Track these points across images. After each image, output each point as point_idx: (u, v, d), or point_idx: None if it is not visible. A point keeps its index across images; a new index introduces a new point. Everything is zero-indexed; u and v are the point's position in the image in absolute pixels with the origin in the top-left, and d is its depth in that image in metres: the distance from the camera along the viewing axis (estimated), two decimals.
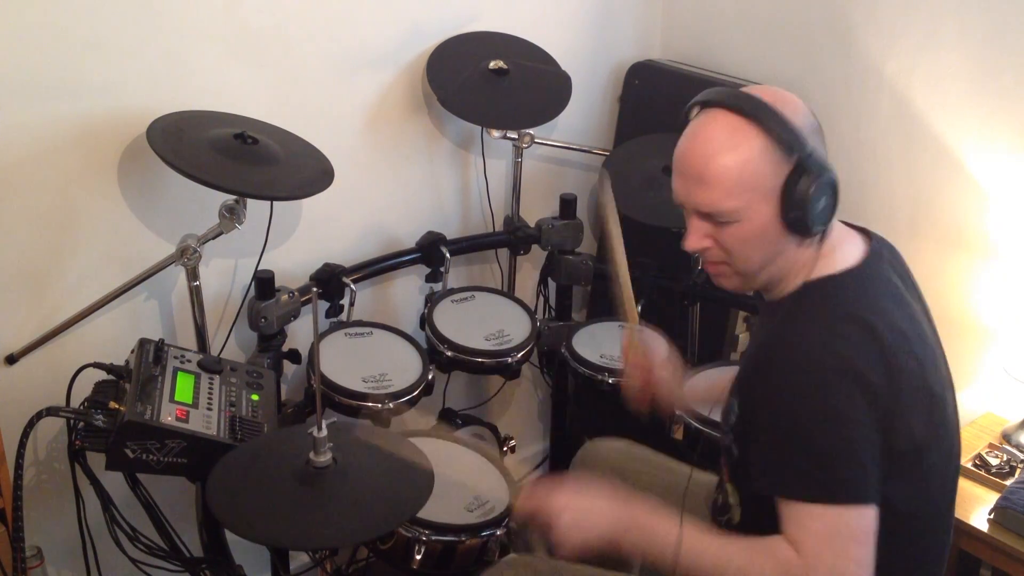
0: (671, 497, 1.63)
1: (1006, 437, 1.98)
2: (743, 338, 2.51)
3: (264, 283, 1.88)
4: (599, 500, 1.30)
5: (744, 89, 1.21)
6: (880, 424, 1.15)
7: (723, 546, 1.23)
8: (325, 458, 1.37)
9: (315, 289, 1.36)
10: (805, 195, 1.17)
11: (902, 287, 1.28)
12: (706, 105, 1.21)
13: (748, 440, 1.24)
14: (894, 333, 1.18)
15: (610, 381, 2.03)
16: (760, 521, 1.24)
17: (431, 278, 2.22)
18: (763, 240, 1.22)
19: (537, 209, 2.40)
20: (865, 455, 1.15)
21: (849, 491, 1.15)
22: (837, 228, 1.29)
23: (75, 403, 1.57)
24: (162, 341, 1.66)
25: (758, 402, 1.20)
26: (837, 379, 1.13)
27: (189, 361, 1.66)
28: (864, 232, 1.33)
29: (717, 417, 1.51)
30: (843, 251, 1.26)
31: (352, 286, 2.04)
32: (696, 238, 1.25)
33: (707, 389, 1.79)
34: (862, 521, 1.15)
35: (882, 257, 1.29)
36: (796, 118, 1.18)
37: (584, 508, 1.29)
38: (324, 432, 1.36)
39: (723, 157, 1.17)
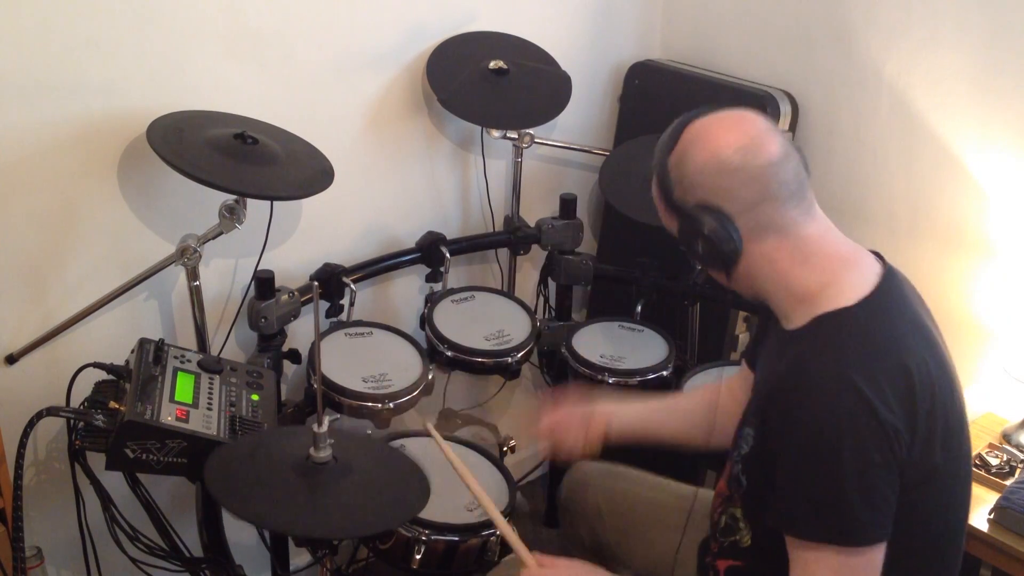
0: (659, 514, 1.64)
1: (1006, 437, 1.98)
2: (743, 338, 2.51)
3: (264, 283, 1.88)
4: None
5: (700, 120, 1.25)
6: (898, 462, 1.14)
7: None
8: (325, 454, 1.37)
9: (315, 284, 1.38)
10: (684, 241, 1.27)
11: (918, 306, 1.26)
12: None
13: (761, 473, 1.22)
14: (915, 365, 1.15)
15: (610, 381, 2.03)
16: (770, 547, 1.23)
17: (431, 278, 2.22)
18: None
19: (537, 209, 2.40)
20: (880, 497, 1.14)
21: (861, 533, 1.14)
22: (836, 249, 1.24)
23: (75, 403, 1.57)
24: (162, 341, 1.66)
25: (775, 440, 1.18)
26: (856, 420, 1.11)
27: (189, 361, 1.66)
28: (876, 255, 1.29)
29: None
30: (851, 277, 1.22)
31: (352, 286, 2.04)
32: None
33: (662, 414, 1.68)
34: (871, 563, 1.15)
35: (895, 276, 1.25)
36: (697, 160, 1.22)
37: None
38: (325, 428, 1.36)
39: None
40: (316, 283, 1.37)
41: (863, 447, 1.11)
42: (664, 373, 2.06)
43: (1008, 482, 1.84)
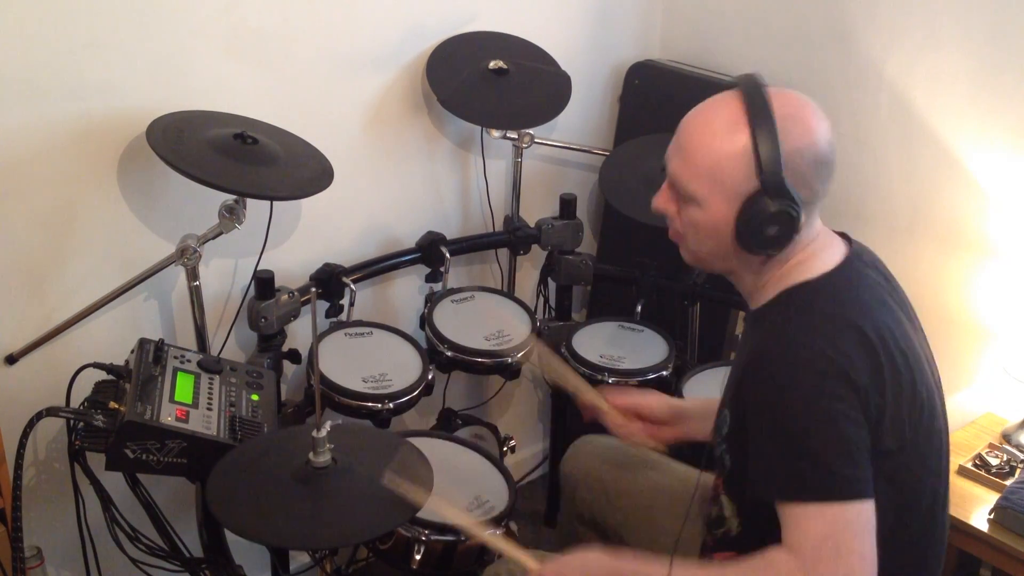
0: (662, 497, 1.64)
1: (1006, 437, 1.98)
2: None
3: (264, 283, 1.88)
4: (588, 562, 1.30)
5: (777, 91, 1.21)
6: (869, 422, 1.16)
7: (719, 574, 1.23)
8: (324, 459, 1.37)
9: (314, 289, 1.37)
10: (759, 217, 1.19)
11: (885, 288, 1.28)
12: (737, 86, 1.22)
13: (742, 450, 1.23)
14: (878, 331, 1.18)
15: (610, 381, 2.03)
16: (760, 530, 1.23)
17: (431, 278, 2.22)
18: (714, 236, 1.25)
19: (537, 209, 2.40)
20: (858, 452, 1.15)
21: (846, 487, 1.15)
22: (819, 234, 1.28)
23: (75, 403, 1.57)
24: (162, 341, 1.66)
25: (749, 410, 1.20)
26: (826, 379, 1.14)
27: (189, 361, 1.66)
28: (844, 237, 1.33)
29: None
30: (822, 257, 1.26)
31: (352, 286, 2.03)
32: (661, 199, 1.30)
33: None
34: (861, 516, 1.15)
35: (862, 259, 1.29)
36: (796, 141, 1.18)
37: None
38: (324, 433, 1.36)
39: (709, 140, 1.20)
40: (313, 288, 1.36)
41: (836, 405, 1.14)
42: (664, 373, 2.06)
43: (1008, 482, 1.84)
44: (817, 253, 1.26)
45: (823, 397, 1.14)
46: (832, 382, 1.14)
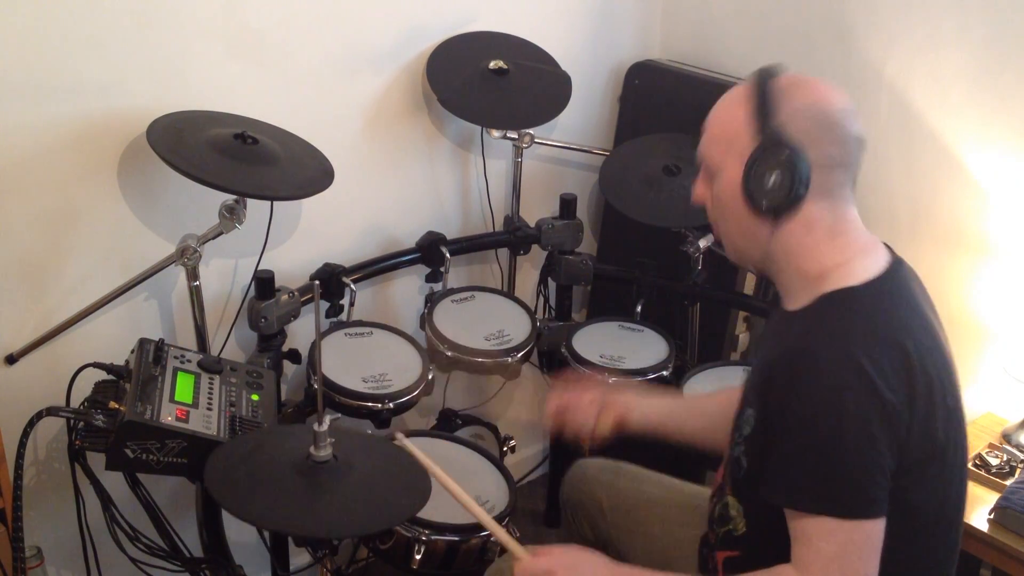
0: (662, 510, 1.64)
1: (1006, 437, 1.98)
2: (743, 338, 2.51)
3: (264, 283, 1.88)
4: (581, 563, 1.30)
5: (776, 70, 1.28)
6: (896, 441, 1.15)
7: None
8: (325, 453, 1.37)
9: (317, 283, 1.38)
10: (761, 165, 1.22)
11: (921, 298, 1.28)
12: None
13: (762, 452, 1.22)
14: (917, 348, 1.17)
15: (610, 381, 2.03)
16: (765, 533, 1.23)
17: (431, 278, 2.22)
18: (732, 204, 1.27)
19: (537, 209, 2.40)
20: (880, 472, 1.15)
21: (862, 507, 1.15)
22: (859, 236, 1.27)
23: (75, 403, 1.57)
24: (162, 341, 1.66)
25: (775, 414, 1.19)
26: (859, 397, 1.13)
27: (189, 361, 1.67)
28: (886, 246, 1.32)
29: None
30: (863, 261, 1.24)
31: (352, 286, 2.04)
32: (697, 187, 1.34)
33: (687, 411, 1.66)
34: (872, 535, 1.16)
35: (903, 267, 1.28)
36: (797, 101, 1.22)
37: None
38: (325, 427, 1.36)
39: (720, 109, 1.31)
40: (317, 282, 1.37)
41: (864, 422, 1.13)
42: (664, 373, 2.06)
43: (1008, 482, 1.84)
44: (857, 259, 1.24)
45: (854, 413, 1.13)
46: (864, 399, 1.13)
